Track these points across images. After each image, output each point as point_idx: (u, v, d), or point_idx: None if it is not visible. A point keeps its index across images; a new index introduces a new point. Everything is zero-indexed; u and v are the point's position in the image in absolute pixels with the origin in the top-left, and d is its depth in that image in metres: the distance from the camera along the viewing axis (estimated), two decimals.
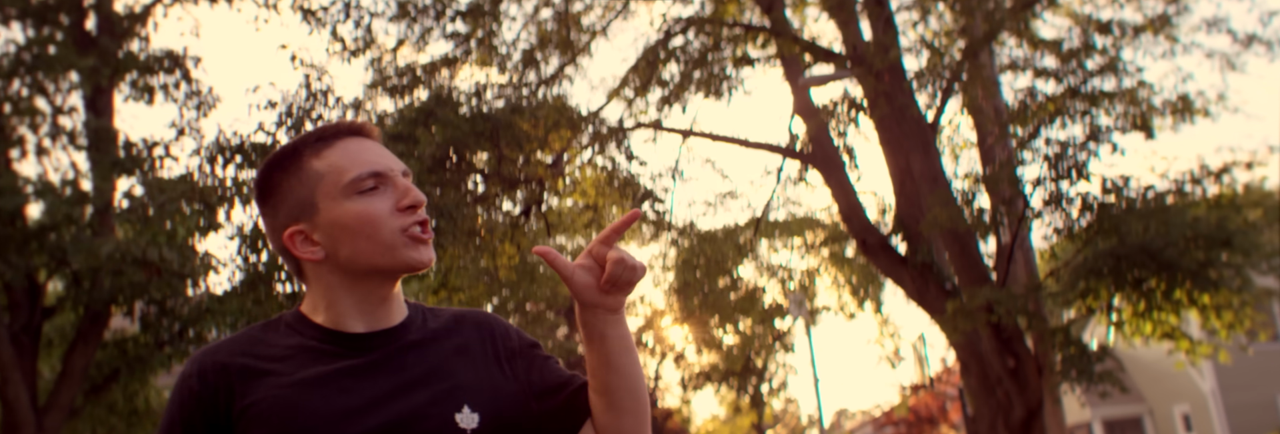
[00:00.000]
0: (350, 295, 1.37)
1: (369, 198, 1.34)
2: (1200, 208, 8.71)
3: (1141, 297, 8.85)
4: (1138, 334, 9.19)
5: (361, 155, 1.37)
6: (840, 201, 11.85)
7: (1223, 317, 8.65)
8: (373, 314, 1.38)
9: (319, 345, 1.36)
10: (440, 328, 1.44)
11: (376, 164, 1.36)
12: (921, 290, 10.78)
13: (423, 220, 1.36)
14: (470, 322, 1.47)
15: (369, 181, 1.35)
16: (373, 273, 1.36)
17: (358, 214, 1.33)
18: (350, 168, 1.35)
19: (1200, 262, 8.24)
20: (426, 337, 1.41)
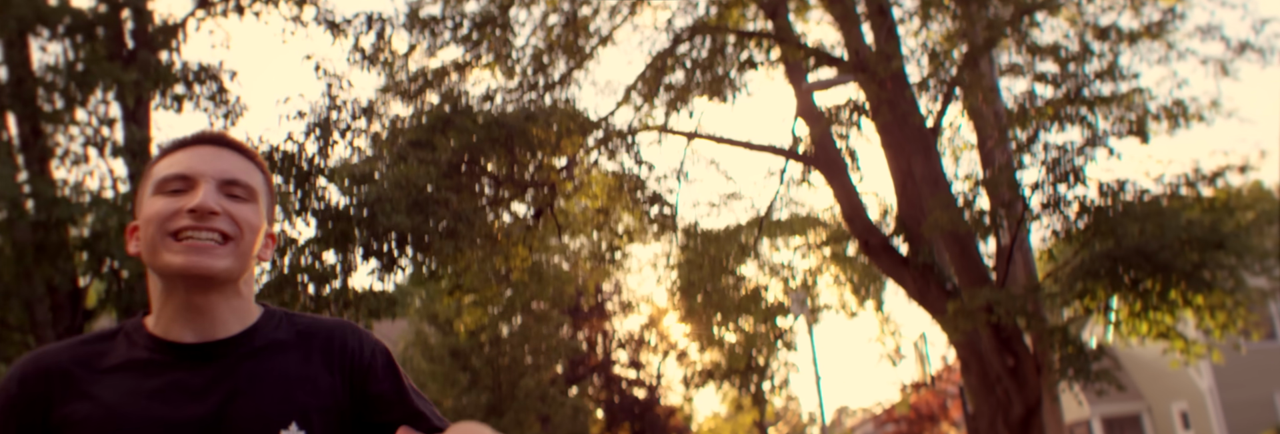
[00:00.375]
0: (168, 301, 1.34)
1: (167, 197, 1.33)
2: (1194, 210, 8.95)
3: (1137, 297, 9.10)
4: (1134, 334, 9.44)
5: (187, 160, 1.36)
6: (843, 203, 12.09)
7: (1216, 317, 8.90)
8: (198, 323, 1.34)
9: (149, 356, 1.33)
10: (286, 339, 1.39)
11: (190, 168, 1.34)
12: (923, 291, 11.03)
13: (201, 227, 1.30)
14: (322, 333, 1.41)
15: (174, 183, 1.33)
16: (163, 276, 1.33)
17: (148, 211, 1.33)
18: (166, 168, 1.35)
19: (1194, 263, 8.49)
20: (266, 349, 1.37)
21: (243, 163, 1.39)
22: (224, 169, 1.36)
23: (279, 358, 1.36)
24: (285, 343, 1.38)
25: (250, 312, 1.40)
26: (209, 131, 1.41)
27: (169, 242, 1.29)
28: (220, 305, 1.35)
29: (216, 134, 1.41)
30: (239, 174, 1.37)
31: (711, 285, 21.34)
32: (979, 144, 11.57)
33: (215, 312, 1.35)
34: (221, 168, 1.35)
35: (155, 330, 1.35)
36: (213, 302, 1.34)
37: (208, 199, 1.31)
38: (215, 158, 1.36)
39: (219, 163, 1.36)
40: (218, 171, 1.35)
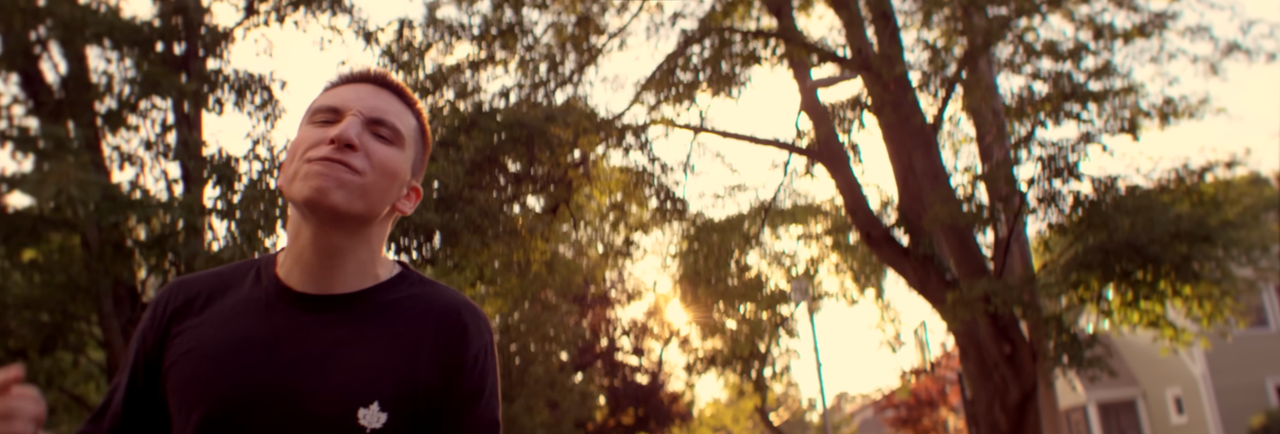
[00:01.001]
0: (297, 238, 1.30)
1: (315, 128, 1.29)
2: (1184, 205, 9.38)
3: (1129, 287, 9.53)
4: (1126, 322, 9.89)
5: (342, 94, 1.32)
6: (846, 196, 12.51)
7: (1204, 306, 9.34)
8: (319, 268, 1.29)
9: (265, 298, 1.30)
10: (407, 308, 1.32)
11: (341, 101, 1.31)
12: (923, 280, 11.46)
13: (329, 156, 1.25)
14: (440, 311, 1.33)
15: (324, 115, 1.30)
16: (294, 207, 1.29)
17: (294, 140, 1.30)
18: (320, 102, 1.32)
19: (1183, 255, 8.92)
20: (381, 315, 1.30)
21: (397, 105, 1.35)
22: (374, 106, 1.31)
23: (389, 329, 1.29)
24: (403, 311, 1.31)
25: (377, 268, 1.33)
26: (374, 69, 1.37)
27: (301, 169, 1.25)
28: (345, 252, 1.29)
29: (380, 73, 1.37)
30: (389, 115, 1.32)
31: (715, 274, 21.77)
32: (978, 138, 11.97)
33: (340, 258, 1.29)
34: (372, 105, 1.31)
35: (280, 271, 1.32)
36: (337, 245, 1.28)
37: (348, 130, 1.26)
38: (370, 95, 1.33)
39: (371, 100, 1.32)
40: (367, 108, 1.30)
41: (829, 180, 12.85)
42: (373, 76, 1.36)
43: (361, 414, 1.23)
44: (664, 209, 12.86)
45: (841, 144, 12.81)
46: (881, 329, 25.46)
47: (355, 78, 1.36)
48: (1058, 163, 9.39)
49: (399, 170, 1.31)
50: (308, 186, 1.23)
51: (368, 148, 1.28)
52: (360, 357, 1.26)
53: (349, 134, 1.25)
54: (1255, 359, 20.22)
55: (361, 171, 1.26)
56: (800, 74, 13.06)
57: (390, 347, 1.28)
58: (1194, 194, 9.49)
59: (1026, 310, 9.68)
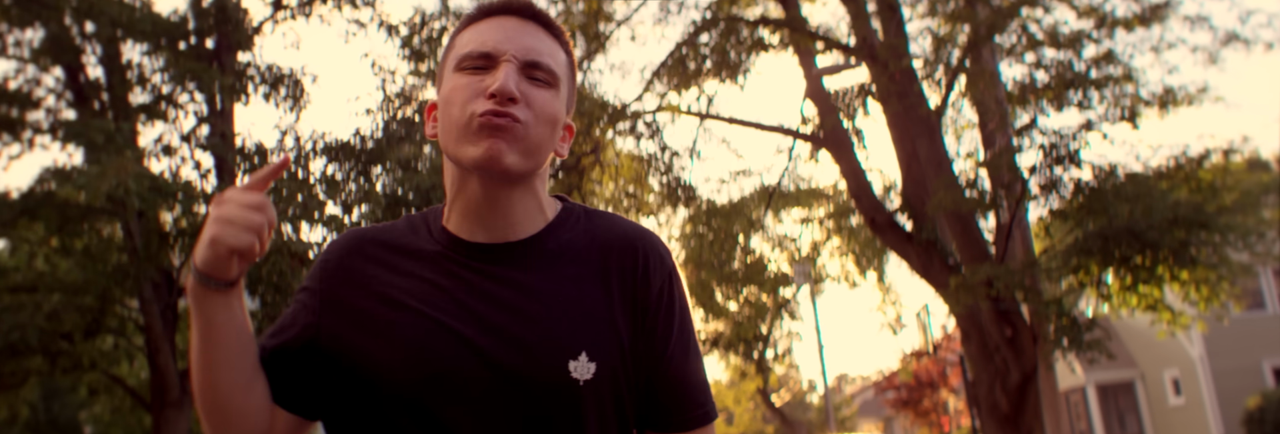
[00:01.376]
0: (461, 192, 1.25)
1: (469, 76, 1.23)
2: (1182, 191, 9.61)
3: (1128, 272, 9.78)
4: (1125, 306, 10.15)
5: (489, 34, 1.25)
6: (850, 181, 12.73)
7: (1201, 290, 9.59)
8: (490, 220, 1.25)
9: (440, 250, 1.25)
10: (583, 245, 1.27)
11: (492, 45, 1.23)
12: (926, 265, 11.71)
13: (496, 110, 1.19)
14: (619, 245, 1.28)
15: (477, 61, 1.23)
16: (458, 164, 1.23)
17: (448, 90, 1.23)
18: (468, 44, 1.25)
19: (1180, 241, 9.16)
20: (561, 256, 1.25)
21: (548, 41, 1.28)
22: (528, 47, 1.24)
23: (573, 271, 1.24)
24: (581, 250, 1.26)
25: (544, 209, 1.29)
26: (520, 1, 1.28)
27: (467, 128, 1.19)
28: (515, 201, 1.25)
29: (524, 3, 1.29)
30: (543, 55, 1.25)
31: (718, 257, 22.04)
32: (981, 126, 12.18)
33: (510, 208, 1.25)
34: (526, 46, 1.24)
35: (449, 225, 1.27)
36: (507, 195, 1.24)
37: (509, 82, 1.19)
38: (520, 33, 1.25)
39: (523, 40, 1.24)
40: (522, 50, 1.23)
41: (833, 166, 13.08)
42: (517, 7, 1.28)
43: (572, 367, 1.18)
44: (672, 194, 13.11)
45: (846, 130, 13.02)
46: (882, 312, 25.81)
47: (498, 8, 1.27)
48: (1059, 150, 9.61)
49: (558, 115, 1.25)
50: (479, 150, 1.18)
51: (527, 97, 1.21)
52: (554, 306, 1.20)
53: (509, 87, 1.19)
54: (1252, 342, 20.52)
55: (527, 124, 1.20)
56: (805, 61, 13.25)
57: (579, 291, 1.22)
58: (1192, 181, 9.71)
59: (1027, 294, 9.94)
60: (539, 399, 1.17)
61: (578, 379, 1.17)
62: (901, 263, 13.06)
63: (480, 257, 1.23)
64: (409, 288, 1.22)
